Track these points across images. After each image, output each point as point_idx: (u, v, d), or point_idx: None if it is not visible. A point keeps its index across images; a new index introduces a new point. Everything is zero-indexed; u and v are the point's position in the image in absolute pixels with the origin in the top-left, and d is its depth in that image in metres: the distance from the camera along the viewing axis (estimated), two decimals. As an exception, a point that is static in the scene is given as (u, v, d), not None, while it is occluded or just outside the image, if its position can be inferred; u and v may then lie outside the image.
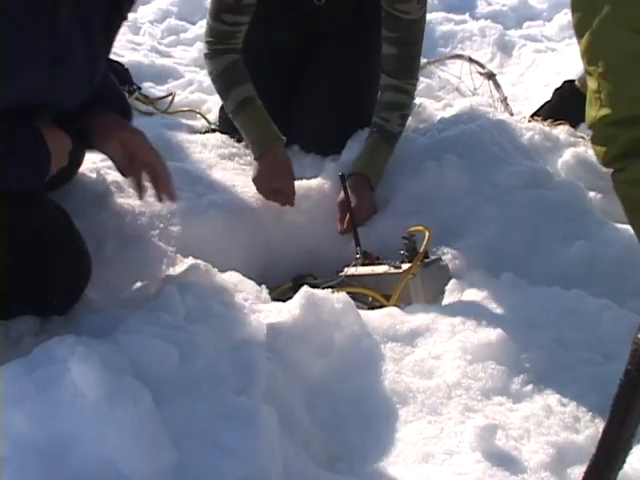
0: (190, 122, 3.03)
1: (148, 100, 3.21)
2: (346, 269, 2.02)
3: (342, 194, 2.23)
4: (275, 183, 2.25)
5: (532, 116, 2.85)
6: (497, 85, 3.38)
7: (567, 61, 4.01)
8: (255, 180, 2.27)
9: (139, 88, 3.33)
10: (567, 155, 2.45)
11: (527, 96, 3.89)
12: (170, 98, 3.21)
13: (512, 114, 3.08)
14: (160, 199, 1.75)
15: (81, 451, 1.11)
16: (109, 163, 2.20)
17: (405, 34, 2.38)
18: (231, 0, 2.31)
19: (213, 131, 2.85)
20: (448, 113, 2.80)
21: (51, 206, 1.62)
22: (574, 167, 2.41)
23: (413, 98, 2.51)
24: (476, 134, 2.45)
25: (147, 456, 1.12)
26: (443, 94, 3.70)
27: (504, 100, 3.27)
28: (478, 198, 2.23)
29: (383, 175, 2.35)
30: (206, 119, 3.08)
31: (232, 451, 1.17)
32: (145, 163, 1.71)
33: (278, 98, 2.55)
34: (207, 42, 2.41)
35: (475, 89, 3.53)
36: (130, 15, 1.65)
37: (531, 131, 2.56)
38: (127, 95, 3.10)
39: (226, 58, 2.37)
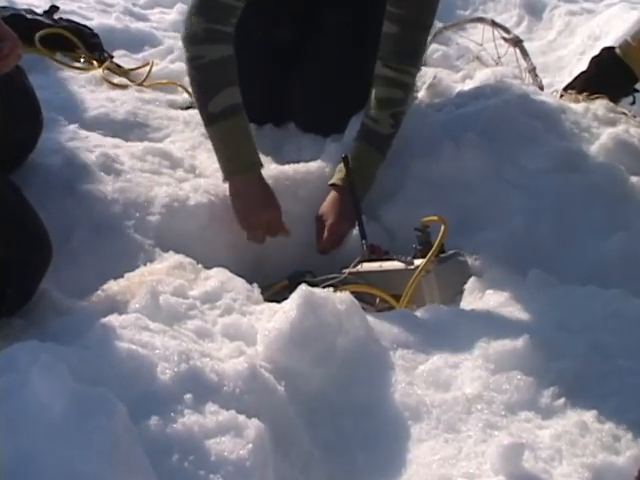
0: (170, 96, 3.02)
1: (121, 70, 3.20)
2: (352, 265, 2.02)
3: (323, 207, 2.24)
4: (259, 216, 2.14)
5: (565, 89, 2.85)
6: (524, 53, 3.38)
7: (606, 25, 4.01)
8: (239, 212, 2.14)
9: (111, 57, 3.33)
10: (605, 134, 2.45)
11: (559, 66, 3.89)
12: (147, 68, 3.21)
13: (542, 87, 3.09)
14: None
15: (45, 473, 1.11)
16: (77, 143, 2.22)
17: (412, 11, 2.29)
18: None
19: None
20: (468, 86, 2.80)
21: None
22: (613, 148, 2.40)
23: (411, 92, 2.43)
24: (500, 110, 2.45)
25: (121, 478, 1.12)
26: (462, 64, 3.70)
27: (532, 70, 3.27)
28: (502, 183, 2.23)
29: (370, 189, 2.29)
30: (189, 93, 3.07)
31: (218, 473, 1.17)
32: None
33: (271, 74, 2.55)
34: (193, 20, 2.20)
35: (499, 58, 3.53)
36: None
37: (564, 106, 2.56)
38: (96, 64, 3.11)
39: (219, 48, 2.18)
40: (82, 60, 3.19)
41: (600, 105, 2.62)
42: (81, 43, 3.25)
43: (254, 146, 2.21)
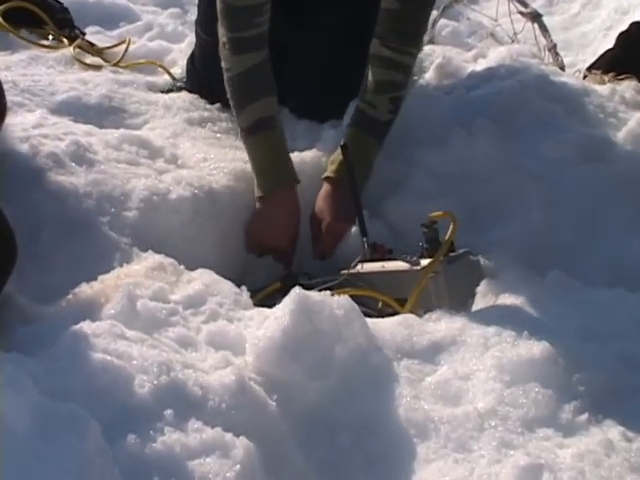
0: (149, 78, 3.02)
1: (94, 49, 3.20)
2: (351, 266, 2.02)
3: (317, 205, 2.24)
4: (273, 244, 2.23)
5: (589, 69, 2.86)
6: (544, 29, 3.38)
7: (635, -3, 4.01)
8: (250, 229, 2.24)
9: (83, 33, 3.33)
10: (634, 120, 2.45)
11: (583, 43, 3.89)
12: (123, 47, 3.21)
13: (563, 67, 3.09)
14: None
15: (11, 498, 1.11)
16: (45, 131, 2.22)
17: None
18: None
19: (179, 89, 2.85)
20: (480, 66, 2.80)
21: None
22: (643, 135, 2.41)
23: (411, 75, 2.43)
24: (516, 93, 2.45)
25: (95, 505, 1.13)
26: (474, 41, 3.70)
27: (553, 48, 3.27)
28: (518, 175, 2.23)
29: (368, 180, 2.29)
30: (170, 74, 3.08)
31: (204, 498, 1.18)
32: None
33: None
34: (220, 32, 2.31)
35: (515, 34, 3.53)
36: None
37: (587, 88, 2.56)
38: (66, 42, 3.11)
39: (248, 57, 2.29)
40: (50, 37, 3.19)
41: (628, 87, 2.62)
42: (49, 18, 3.24)
43: (286, 160, 2.29)
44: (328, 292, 1.69)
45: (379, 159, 2.32)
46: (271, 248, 2.23)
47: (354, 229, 2.17)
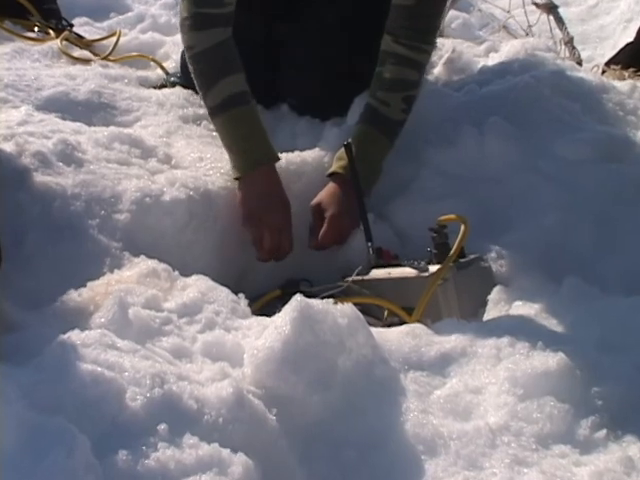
0: (141, 72, 3.03)
1: (83, 42, 3.21)
2: (356, 272, 2.03)
3: (319, 196, 2.24)
4: (270, 215, 2.20)
5: (608, 64, 2.86)
6: (560, 21, 3.39)
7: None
8: (243, 204, 2.21)
9: (70, 25, 3.34)
10: (655, 118, 2.46)
11: (601, 36, 3.90)
12: (113, 39, 3.22)
13: (580, 61, 3.09)
14: None
15: (-5, 518, 1.12)
16: (30, 128, 2.23)
17: None
18: None
19: (173, 85, 2.86)
20: (492, 60, 2.81)
21: None
22: (664, 134, 2.42)
23: (425, 73, 2.45)
24: (530, 89, 2.46)
25: (84, 525, 1.13)
26: (485, 34, 3.71)
27: (569, 42, 3.28)
28: (532, 176, 2.24)
29: (377, 181, 2.30)
30: (163, 68, 3.09)
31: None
32: None
33: (260, 50, 2.57)
34: (182, 6, 2.34)
35: (529, 27, 3.55)
36: None
37: (606, 84, 2.56)
38: (53, 34, 3.12)
39: (214, 33, 2.31)
40: (36, 29, 3.20)
41: (649, 83, 2.63)
42: (34, 8, 3.25)
43: (264, 138, 2.28)
44: (331, 300, 1.68)
45: (388, 160, 2.33)
46: (268, 221, 2.20)
47: (358, 233, 2.17)
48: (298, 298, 1.61)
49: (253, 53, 2.46)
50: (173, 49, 3.25)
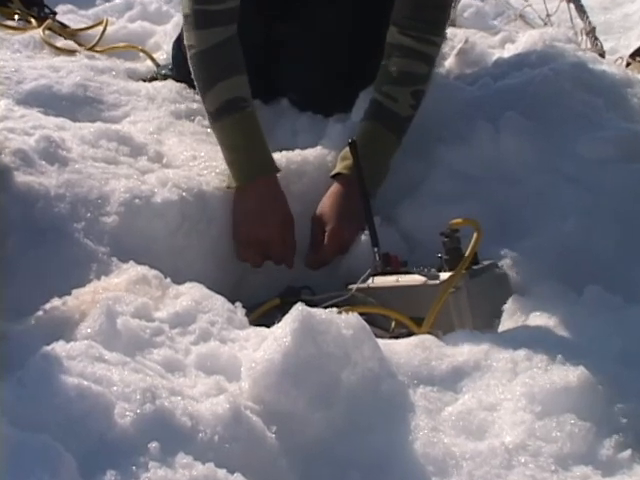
0: (130, 64, 3.04)
1: (67, 31, 3.22)
2: (361, 280, 2.03)
3: (322, 205, 2.25)
4: (266, 231, 2.21)
5: (633, 55, 2.87)
6: (581, 10, 3.39)
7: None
8: (235, 226, 2.22)
9: (53, 13, 3.35)
10: (684, 114, 2.47)
11: (625, 26, 3.91)
12: (100, 29, 3.22)
13: (603, 53, 3.10)
14: None
15: None
16: (10, 124, 2.23)
17: None
18: None
19: (164, 77, 2.87)
20: (508, 52, 2.82)
21: None
22: (694, 132, 2.42)
23: (434, 67, 2.44)
24: (549, 83, 2.46)
25: None
26: (501, 24, 3.72)
27: (591, 32, 3.29)
28: (551, 176, 2.24)
29: (384, 181, 2.31)
30: (153, 60, 3.10)
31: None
32: None
33: (258, 39, 2.58)
34: (184, 3, 2.37)
35: (548, 16, 3.55)
36: None
37: (631, 78, 2.57)
38: (35, 23, 3.12)
39: (213, 33, 2.32)
40: (17, 17, 3.21)
41: (677, 77, 2.64)
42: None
43: (261, 146, 2.28)
44: (335, 309, 1.69)
45: (396, 159, 2.33)
46: (265, 243, 2.22)
47: (363, 238, 2.17)
48: (299, 307, 1.62)
49: (252, 53, 2.48)
50: (164, 39, 3.26)
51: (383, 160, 2.32)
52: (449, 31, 3.09)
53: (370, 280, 2.04)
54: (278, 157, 2.34)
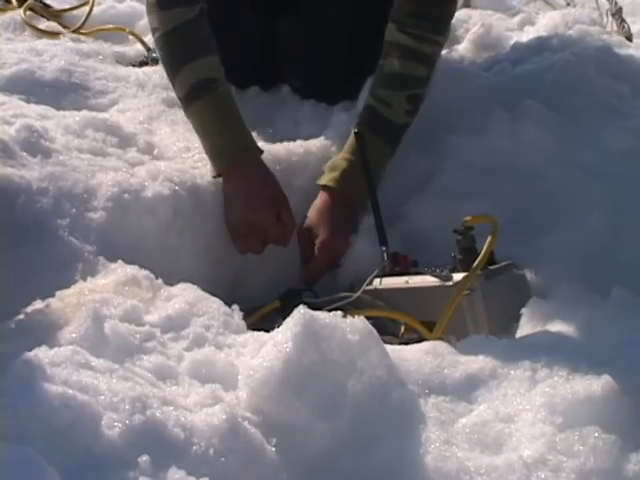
0: (118, 48, 3.04)
1: (50, 12, 3.23)
2: (368, 281, 2.04)
3: (309, 216, 2.25)
4: (258, 212, 2.21)
5: (661, 40, 2.87)
6: (606, -10, 3.39)
7: None
8: (232, 212, 2.22)
9: (36, -7, 3.35)
10: None
11: (654, 7, 3.90)
12: (85, 9, 3.23)
13: (630, 36, 3.10)
14: None
15: None
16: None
17: None
18: None
19: (155, 62, 2.87)
20: (528, 35, 2.82)
21: None
22: None
23: (434, 70, 2.41)
24: (572, 68, 2.46)
25: None
26: (520, 4, 3.71)
27: (617, 13, 3.28)
28: (574, 170, 2.24)
29: (372, 197, 2.25)
30: (143, 43, 3.10)
31: None
32: None
33: (254, 20, 2.59)
34: None
35: (571, -4, 3.55)
36: None
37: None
38: (15, 2, 3.13)
39: (177, 13, 2.30)
40: (-5, -3, 3.21)
41: None
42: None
43: (239, 127, 2.28)
44: (339, 313, 1.68)
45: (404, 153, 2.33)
46: (259, 226, 2.22)
47: (367, 238, 2.17)
48: (301, 310, 1.61)
49: (252, 49, 2.49)
50: (155, 21, 3.26)
51: (375, 172, 2.28)
52: (464, 12, 3.10)
53: (378, 281, 2.04)
54: (278, 148, 2.35)
